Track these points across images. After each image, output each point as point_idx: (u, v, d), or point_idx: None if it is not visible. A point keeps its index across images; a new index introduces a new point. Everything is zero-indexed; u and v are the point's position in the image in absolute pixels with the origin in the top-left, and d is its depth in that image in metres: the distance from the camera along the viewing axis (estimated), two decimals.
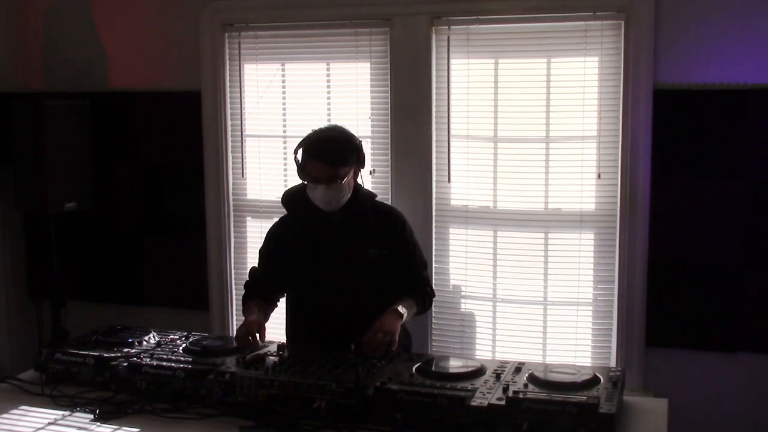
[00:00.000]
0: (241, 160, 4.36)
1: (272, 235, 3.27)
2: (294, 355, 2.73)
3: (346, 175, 2.99)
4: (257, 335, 2.86)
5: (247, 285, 3.28)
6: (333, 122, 4.19)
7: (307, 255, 3.11)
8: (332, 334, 2.95)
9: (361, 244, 3.07)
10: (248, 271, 3.33)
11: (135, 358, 2.77)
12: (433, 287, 3.34)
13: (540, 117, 3.90)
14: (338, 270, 3.05)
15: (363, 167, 3.12)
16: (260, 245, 4.39)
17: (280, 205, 4.34)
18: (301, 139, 3.11)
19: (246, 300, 3.22)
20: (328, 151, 3.01)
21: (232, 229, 4.42)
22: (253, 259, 4.43)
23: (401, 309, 2.96)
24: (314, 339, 3.00)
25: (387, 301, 3.01)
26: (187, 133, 4.38)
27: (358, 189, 3.12)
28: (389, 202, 4.00)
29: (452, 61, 3.97)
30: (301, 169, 3.05)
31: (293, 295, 3.24)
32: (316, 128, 3.17)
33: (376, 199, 3.27)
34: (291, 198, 3.18)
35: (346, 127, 3.19)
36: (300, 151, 3.07)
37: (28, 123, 4.11)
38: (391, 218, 3.20)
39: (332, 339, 2.88)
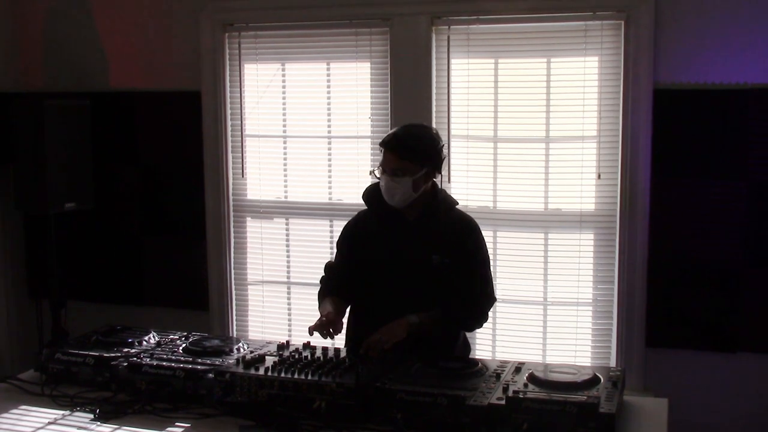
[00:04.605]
0: (241, 160, 4.36)
1: (346, 230, 3.18)
2: (294, 355, 2.73)
3: (412, 172, 2.89)
4: (332, 329, 2.84)
5: (322, 280, 3.19)
6: (333, 123, 4.22)
7: (372, 254, 3.04)
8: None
9: (426, 249, 2.96)
10: (324, 265, 3.20)
11: (135, 358, 2.77)
12: (487, 311, 3.11)
13: (540, 117, 3.90)
14: (399, 272, 2.97)
15: (439, 171, 3.02)
16: (260, 245, 4.42)
17: (280, 205, 4.37)
18: None
19: (321, 296, 3.14)
20: (397, 143, 2.92)
21: (232, 229, 4.42)
22: (252, 259, 4.44)
23: (414, 317, 2.88)
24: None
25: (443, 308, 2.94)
26: (187, 133, 4.38)
27: (436, 193, 3.04)
28: None
29: (452, 61, 3.98)
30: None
31: (357, 293, 3.14)
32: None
33: (457, 206, 3.13)
34: (371, 194, 3.07)
35: (434, 130, 3.08)
36: None
37: (28, 123, 4.11)
38: (461, 227, 3.04)
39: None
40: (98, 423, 2.51)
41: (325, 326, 2.85)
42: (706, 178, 3.70)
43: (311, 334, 2.85)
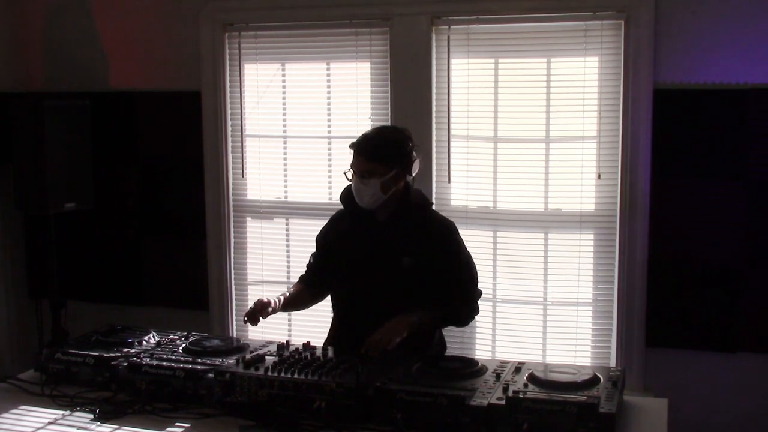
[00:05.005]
0: (241, 160, 4.36)
1: (323, 228, 3.23)
2: (294, 355, 2.73)
3: (381, 174, 2.92)
4: (259, 315, 2.89)
5: (306, 268, 3.28)
6: (333, 123, 4.22)
7: (343, 254, 3.07)
8: (361, 338, 2.89)
9: (397, 251, 2.98)
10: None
11: (135, 358, 2.77)
12: (477, 305, 3.12)
13: (540, 117, 3.90)
14: (368, 273, 3.00)
15: (410, 173, 3.00)
16: (260, 245, 4.42)
17: (280, 205, 4.37)
18: None
19: (296, 283, 3.24)
20: (365, 145, 2.96)
21: (232, 229, 4.42)
22: (252, 259, 4.45)
23: (413, 316, 2.88)
24: (348, 341, 2.94)
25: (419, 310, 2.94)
26: (187, 133, 4.38)
27: (408, 194, 3.03)
28: None
29: (452, 61, 3.98)
30: None
31: (334, 294, 3.20)
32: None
33: (432, 208, 3.14)
34: (347, 193, 3.09)
35: (406, 132, 3.06)
36: None
37: (28, 123, 4.11)
38: (437, 228, 3.06)
39: (361, 343, 2.83)
40: (98, 423, 2.51)
41: (249, 313, 2.90)
42: (706, 178, 3.70)
43: (245, 322, 2.91)
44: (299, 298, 3.17)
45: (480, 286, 3.04)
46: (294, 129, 4.32)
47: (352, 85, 4.16)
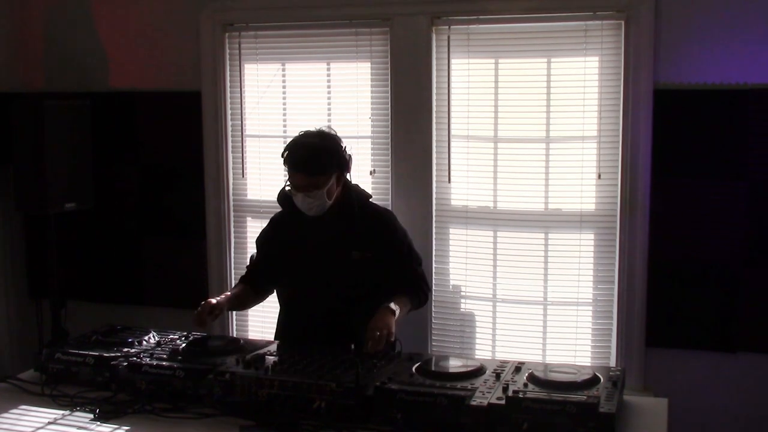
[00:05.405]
0: (241, 160, 4.36)
1: (267, 228, 3.34)
2: (294, 355, 2.73)
3: (325, 184, 3.01)
4: (207, 316, 2.94)
5: (247, 269, 3.39)
6: (333, 123, 4.21)
7: (292, 254, 3.15)
8: (316, 334, 2.96)
9: (346, 246, 3.09)
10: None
11: (135, 358, 2.77)
12: (429, 283, 3.33)
13: (540, 117, 3.90)
14: (322, 271, 3.09)
15: (348, 171, 3.13)
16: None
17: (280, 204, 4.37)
18: (286, 144, 3.14)
19: (237, 284, 3.35)
20: (304, 162, 3.03)
21: (232, 229, 4.42)
22: None
23: (393, 305, 2.97)
24: (301, 338, 3.01)
25: (374, 302, 3.00)
26: (187, 133, 4.38)
27: (349, 190, 3.13)
28: (389, 203, 4.00)
29: (452, 61, 3.98)
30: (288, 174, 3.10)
31: (281, 292, 3.29)
32: (300, 132, 3.18)
33: (371, 200, 3.28)
34: (286, 198, 3.19)
35: (330, 130, 3.19)
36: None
37: (28, 123, 4.11)
38: (378, 219, 3.21)
39: (317, 339, 2.89)
40: (98, 423, 2.51)
41: (197, 317, 2.95)
42: (706, 178, 3.70)
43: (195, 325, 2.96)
44: (243, 298, 3.27)
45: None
46: (294, 129, 4.28)
47: (352, 85, 4.16)
